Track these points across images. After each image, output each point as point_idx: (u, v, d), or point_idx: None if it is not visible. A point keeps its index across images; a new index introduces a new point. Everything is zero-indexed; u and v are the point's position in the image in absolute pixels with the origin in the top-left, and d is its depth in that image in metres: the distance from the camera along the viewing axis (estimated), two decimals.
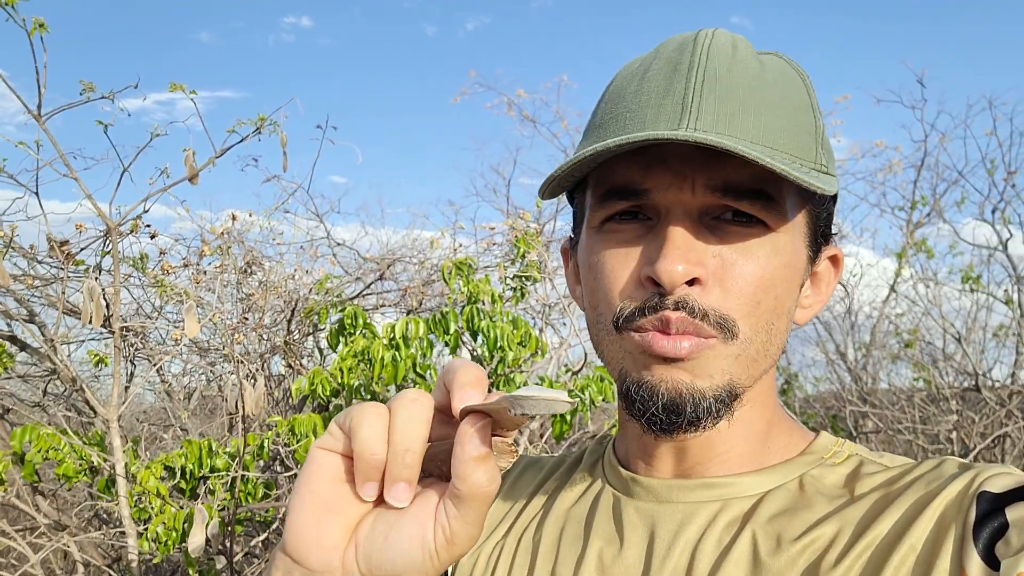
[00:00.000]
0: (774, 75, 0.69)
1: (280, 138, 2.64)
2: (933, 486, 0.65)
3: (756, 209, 0.67)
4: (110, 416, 2.64)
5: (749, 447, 0.74)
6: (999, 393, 5.09)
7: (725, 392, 0.68)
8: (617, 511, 0.76)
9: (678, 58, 0.69)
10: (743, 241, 0.67)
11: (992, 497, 0.61)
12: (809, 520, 0.67)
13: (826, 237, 0.75)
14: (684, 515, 0.71)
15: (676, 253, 0.64)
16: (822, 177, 0.68)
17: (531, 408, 0.49)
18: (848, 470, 0.72)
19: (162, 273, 3.20)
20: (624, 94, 0.70)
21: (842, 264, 0.79)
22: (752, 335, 0.68)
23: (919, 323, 6.27)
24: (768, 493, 0.71)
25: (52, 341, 2.87)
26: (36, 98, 2.47)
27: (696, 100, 0.65)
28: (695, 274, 0.65)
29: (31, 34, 2.25)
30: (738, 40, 0.70)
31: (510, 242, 3.27)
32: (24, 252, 3.13)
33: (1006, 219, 6.29)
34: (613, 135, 0.68)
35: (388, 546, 0.52)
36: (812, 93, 0.72)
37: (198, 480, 3.04)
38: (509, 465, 0.55)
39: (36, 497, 3.23)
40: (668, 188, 0.67)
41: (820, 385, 7.09)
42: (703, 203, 0.67)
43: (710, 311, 0.66)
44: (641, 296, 0.67)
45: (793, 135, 0.67)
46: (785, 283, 0.69)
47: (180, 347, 3.55)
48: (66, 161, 2.57)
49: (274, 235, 4.21)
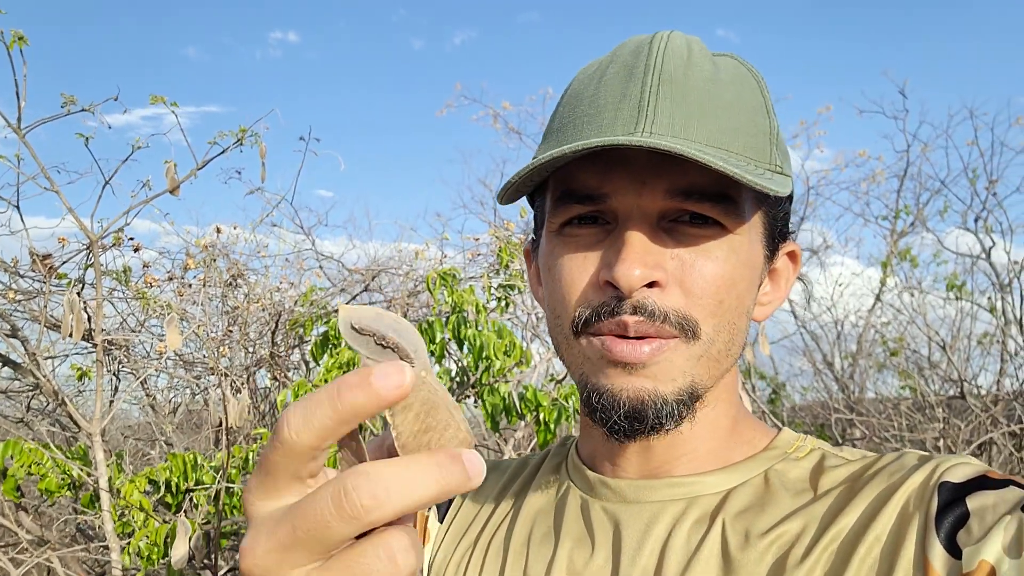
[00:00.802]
0: (729, 77, 0.70)
1: (260, 149, 2.65)
2: (895, 478, 0.66)
3: (716, 212, 0.67)
4: (93, 430, 2.62)
5: (715, 445, 0.74)
6: (984, 400, 5.12)
7: (687, 394, 0.68)
8: (585, 512, 0.76)
9: (634, 61, 0.69)
10: (702, 243, 0.68)
11: (953, 487, 0.62)
12: (776, 515, 0.68)
13: (783, 235, 0.76)
14: (652, 514, 0.72)
15: (634, 257, 0.65)
16: (776, 178, 0.69)
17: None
18: (811, 464, 0.73)
19: (145, 286, 3.19)
20: (581, 98, 0.71)
21: (800, 260, 0.80)
22: (715, 335, 0.68)
23: (904, 331, 6.30)
24: (734, 489, 0.72)
25: (35, 355, 2.85)
26: (16, 111, 2.47)
27: (652, 103, 0.66)
28: (653, 277, 0.65)
29: (10, 46, 2.25)
30: (693, 43, 0.71)
31: (495, 253, 3.28)
32: (6, 266, 3.12)
33: (988, 228, 6.34)
34: (571, 139, 0.68)
35: None
36: (767, 94, 0.72)
37: (183, 494, 3.02)
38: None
39: (19, 513, 3.20)
40: (626, 193, 0.67)
41: (808, 395, 7.12)
42: (662, 207, 0.67)
43: (671, 312, 0.66)
44: (599, 300, 0.68)
45: (748, 136, 0.68)
46: (745, 282, 0.70)
47: (164, 360, 3.53)
48: (48, 175, 2.56)
49: (260, 248, 4.21)
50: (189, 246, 3.90)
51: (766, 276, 0.75)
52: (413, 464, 0.38)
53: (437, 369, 3.11)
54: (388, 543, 0.38)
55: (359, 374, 0.38)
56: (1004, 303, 5.85)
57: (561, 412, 2.69)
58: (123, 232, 2.77)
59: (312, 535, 0.38)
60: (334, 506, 0.37)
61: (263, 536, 0.39)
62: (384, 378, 0.37)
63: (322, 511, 0.37)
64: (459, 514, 0.86)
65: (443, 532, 0.85)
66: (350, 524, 0.37)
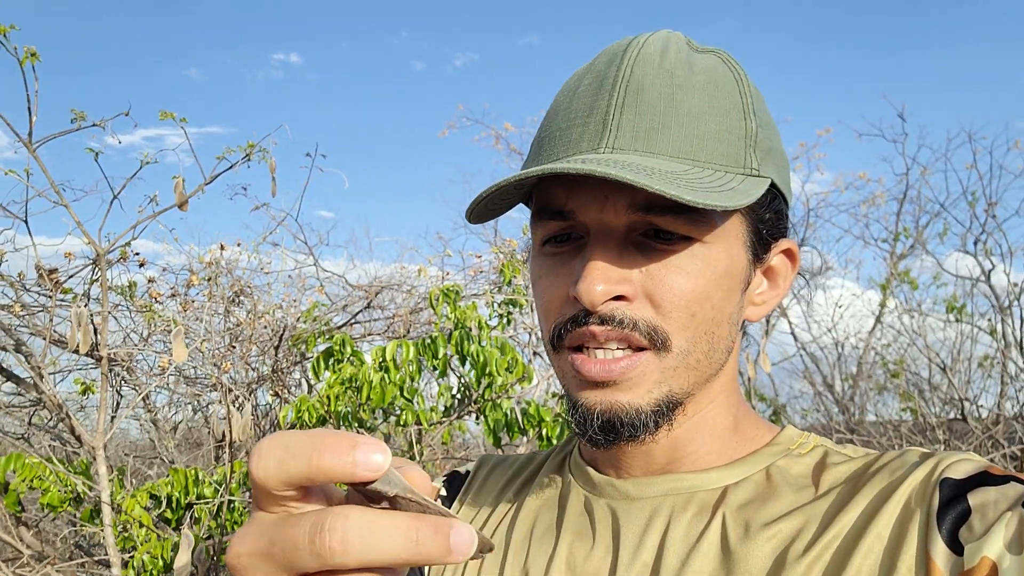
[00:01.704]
0: (703, 79, 0.69)
1: (269, 164, 2.67)
2: (897, 475, 0.66)
3: (679, 224, 0.67)
4: (96, 444, 2.63)
5: (718, 444, 0.75)
6: (984, 422, 5.11)
7: (664, 404, 0.69)
8: (588, 508, 0.77)
9: (605, 71, 0.70)
10: (670, 256, 0.68)
11: (954, 484, 0.62)
12: (777, 509, 0.68)
13: (775, 233, 0.75)
14: (652, 508, 0.73)
15: (596, 273, 0.66)
16: (751, 183, 0.67)
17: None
18: (814, 460, 0.73)
19: (151, 300, 3.20)
20: (557, 112, 0.72)
21: (798, 257, 0.79)
22: (690, 346, 0.69)
23: (905, 354, 6.31)
24: (736, 484, 0.72)
25: (39, 369, 2.86)
26: (27, 127, 2.50)
27: (616, 118, 0.67)
28: (617, 292, 0.66)
29: (23, 63, 2.29)
30: (672, 42, 0.71)
31: (496, 270, 3.29)
32: (11, 281, 3.13)
33: (988, 250, 6.37)
34: (545, 155, 0.70)
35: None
36: (746, 94, 0.71)
37: (184, 509, 3.01)
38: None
39: (19, 528, 3.19)
40: (590, 209, 0.68)
41: (808, 417, 7.10)
42: (627, 221, 0.68)
43: (640, 322, 0.67)
44: (570, 313, 0.69)
45: (717, 143, 0.68)
46: (722, 292, 0.69)
47: (167, 375, 3.54)
48: (57, 189, 2.58)
49: (262, 265, 4.23)
50: (192, 263, 3.92)
51: (757, 276, 0.75)
52: (394, 521, 0.38)
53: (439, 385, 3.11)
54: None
55: (345, 441, 0.38)
56: (1004, 325, 5.86)
57: (564, 428, 2.69)
58: (129, 247, 2.79)
59: (284, 555, 0.39)
60: (307, 538, 0.38)
61: (249, 538, 0.41)
62: (367, 455, 0.38)
63: (297, 538, 0.38)
64: (464, 507, 0.88)
65: None
66: (316, 559, 0.38)
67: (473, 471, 0.92)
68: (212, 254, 3.85)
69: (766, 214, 0.73)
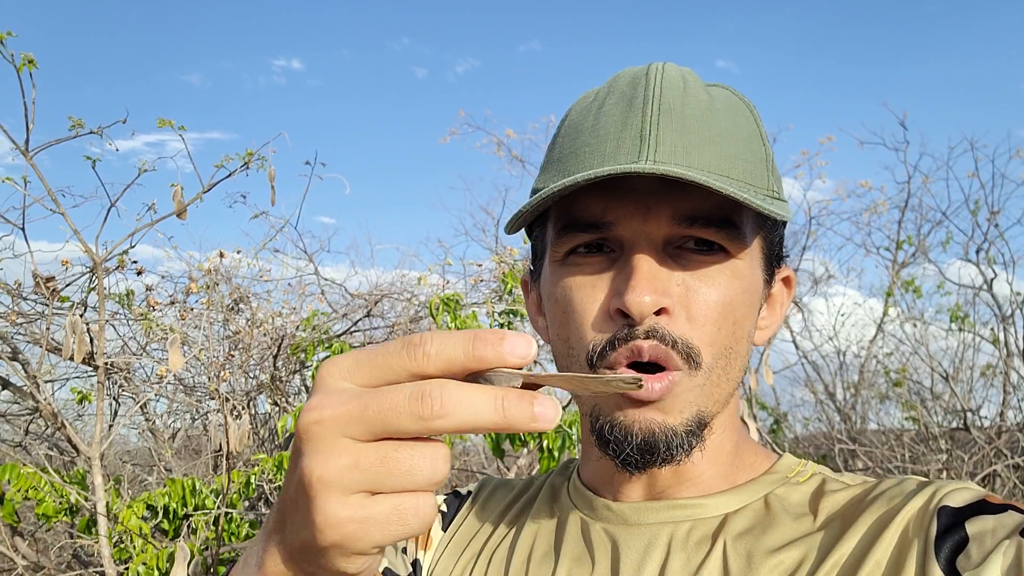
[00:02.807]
0: (723, 106, 0.72)
1: (268, 172, 2.65)
2: (895, 502, 0.66)
3: (720, 237, 0.68)
4: (92, 454, 2.60)
5: (719, 469, 0.75)
6: (988, 432, 5.09)
7: (695, 423, 0.69)
8: (586, 532, 0.76)
9: (632, 92, 0.70)
10: (705, 268, 0.69)
11: (952, 512, 0.63)
12: (777, 538, 0.68)
13: (779, 260, 0.77)
14: (651, 535, 0.72)
15: (644, 284, 0.65)
16: (777, 203, 0.70)
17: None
18: (812, 488, 0.73)
19: (149, 309, 3.18)
20: (581, 129, 0.72)
21: (794, 285, 0.81)
22: (713, 362, 0.69)
23: (907, 362, 6.29)
24: (735, 512, 0.72)
25: (35, 378, 2.84)
26: (24, 134, 2.48)
27: (653, 132, 0.67)
28: (663, 304, 0.66)
29: (19, 70, 2.27)
30: (687, 73, 0.73)
31: (497, 279, 3.27)
32: (8, 288, 3.11)
33: (991, 259, 6.35)
34: (574, 169, 0.70)
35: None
36: (760, 122, 0.74)
37: (181, 519, 2.99)
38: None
39: (15, 538, 3.16)
40: (631, 220, 0.68)
41: (810, 425, 7.08)
42: (667, 233, 0.68)
43: (678, 340, 0.67)
44: (611, 329, 0.68)
45: (746, 163, 0.69)
46: (744, 307, 0.71)
47: (165, 384, 3.52)
48: (54, 196, 2.56)
49: (262, 273, 4.21)
50: (192, 270, 3.90)
51: (764, 301, 0.76)
52: (486, 391, 0.42)
53: None
54: (438, 451, 0.43)
55: (495, 334, 0.43)
56: (1006, 335, 5.84)
57: (565, 439, 2.67)
58: (127, 255, 2.77)
59: (379, 417, 0.42)
60: (410, 400, 0.42)
61: (332, 402, 0.43)
62: (513, 345, 0.42)
63: (398, 401, 0.42)
64: (463, 526, 0.87)
65: (446, 541, 0.86)
66: (415, 421, 0.42)
67: (475, 492, 0.92)
68: (211, 261, 3.84)
69: (776, 238, 0.75)
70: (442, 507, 0.90)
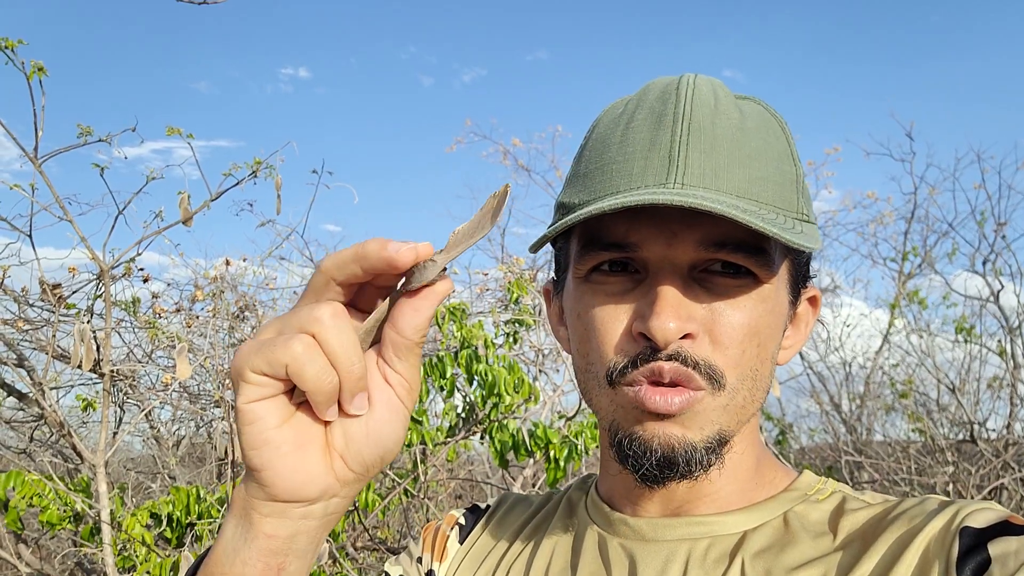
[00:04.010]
0: (755, 124, 0.70)
1: (275, 181, 2.65)
2: (916, 522, 0.65)
3: (749, 263, 0.68)
4: (97, 461, 2.60)
5: (738, 486, 0.74)
6: (995, 445, 5.07)
7: (715, 441, 0.68)
8: (603, 548, 0.76)
9: (662, 109, 0.69)
10: (732, 293, 0.68)
11: (975, 532, 0.62)
12: (796, 557, 0.67)
13: (805, 279, 0.77)
14: (669, 552, 0.72)
15: (669, 311, 0.65)
16: (806, 227, 0.70)
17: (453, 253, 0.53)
18: (832, 506, 0.72)
19: (155, 316, 3.18)
20: (608, 143, 0.71)
21: (820, 303, 0.81)
22: (738, 384, 0.68)
23: (913, 374, 6.26)
24: (753, 530, 0.71)
25: (41, 385, 2.83)
26: (33, 141, 2.48)
27: (682, 153, 0.66)
28: (688, 330, 0.66)
29: (30, 77, 2.27)
30: (718, 87, 0.72)
31: (503, 288, 3.27)
32: (15, 295, 3.12)
33: (997, 271, 6.33)
34: (600, 187, 0.69)
35: (371, 436, 0.54)
36: (791, 140, 0.73)
37: (184, 528, 2.98)
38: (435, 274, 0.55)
39: (18, 545, 3.16)
40: (656, 243, 0.67)
41: (815, 436, 7.06)
42: (693, 258, 0.67)
43: (701, 362, 0.66)
44: (633, 350, 0.68)
45: (776, 185, 0.68)
46: (769, 330, 0.70)
47: (170, 392, 3.51)
48: (61, 204, 2.57)
49: (268, 280, 4.20)
50: (198, 278, 3.90)
51: (789, 321, 0.76)
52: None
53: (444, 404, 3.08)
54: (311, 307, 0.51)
55: (379, 240, 0.50)
56: (1013, 346, 5.81)
57: (571, 450, 2.65)
58: (134, 262, 2.77)
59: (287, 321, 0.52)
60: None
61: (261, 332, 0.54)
62: (396, 251, 0.50)
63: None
64: (480, 540, 0.87)
65: (462, 554, 0.86)
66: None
67: (494, 506, 0.92)
68: (217, 269, 3.84)
69: (803, 258, 0.75)
70: (460, 520, 0.90)
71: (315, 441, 0.54)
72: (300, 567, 0.57)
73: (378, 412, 0.54)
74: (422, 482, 3.47)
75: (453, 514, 0.92)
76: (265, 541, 0.55)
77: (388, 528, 4.29)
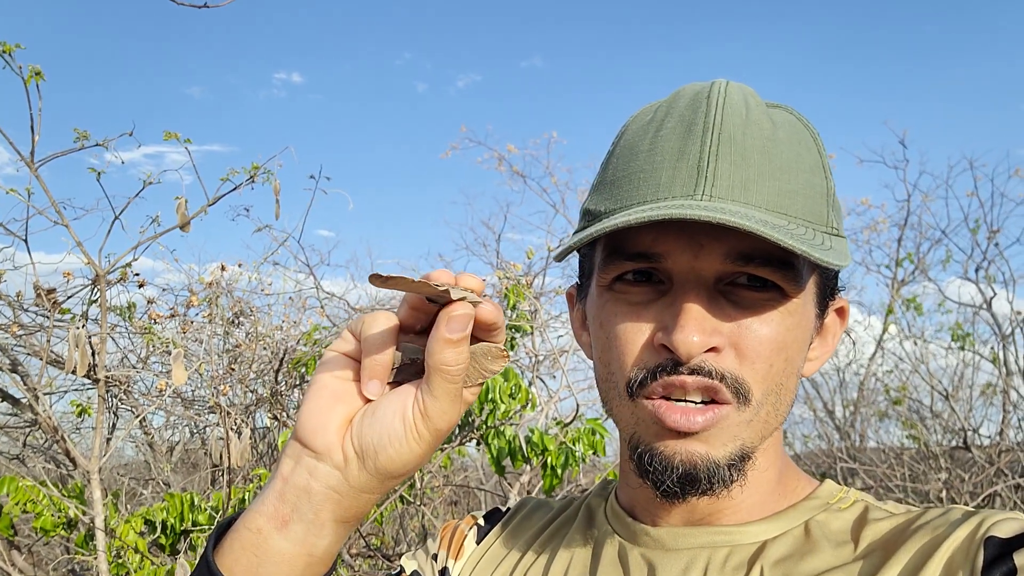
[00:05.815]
0: (786, 134, 0.69)
1: (273, 186, 2.65)
2: (940, 532, 0.65)
3: (777, 277, 0.67)
4: (91, 468, 2.58)
5: (761, 497, 0.74)
6: (988, 452, 5.08)
7: (738, 457, 0.68)
8: (623, 557, 0.75)
9: (692, 117, 0.68)
10: (759, 306, 0.67)
11: (1000, 542, 0.61)
12: (816, 565, 0.67)
13: (833, 291, 0.75)
14: (690, 559, 0.71)
15: (693, 325, 0.64)
16: (836, 242, 0.68)
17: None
18: (854, 516, 0.72)
19: (150, 322, 3.17)
20: (637, 151, 0.70)
21: (847, 315, 0.79)
22: (763, 399, 0.68)
23: (906, 380, 6.28)
24: (774, 539, 0.71)
25: (35, 390, 2.82)
26: (29, 145, 2.47)
27: (712, 164, 0.65)
28: (712, 344, 0.65)
29: (27, 82, 2.27)
30: (749, 95, 0.70)
31: (499, 294, 3.26)
32: (9, 300, 3.10)
33: (990, 278, 6.35)
34: (627, 196, 0.68)
35: (375, 423, 0.61)
36: (823, 151, 0.71)
37: (179, 535, 2.96)
38: (501, 369, 0.63)
39: (12, 552, 3.14)
40: (682, 255, 0.66)
41: (809, 443, 7.06)
42: (719, 271, 0.66)
43: (728, 375, 0.66)
44: (654, 362, 0.67)
45: (806, 198, 0.67)
46: (796, 344, 0.69)
47: (164, 398, 3.50)
48: (57, 208, 2.56)
49: (263, 286, 4.19)
50: (192, 283, 3.89)
51: (816, 333, 0.75)
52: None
53: None
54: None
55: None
56: (1006, 353, 5.83)
57: (568, 456, 2.65)
58: (130, 267, 2.76)
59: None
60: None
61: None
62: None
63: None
64: (497, 542, 0.86)
65: (479, 555, 0.86)
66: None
67: (514, 509, 0.91)
68: (213, 274, 3.83)
69: (831, 271, 0.74)
70: (480, 521, 0.90)
71: (348, 404, 0.63)
72: (302, 532, 0.62)
73: (391, 408, 0.61)
74: (417, 489, 3.46)
75: (473, 515, 0.92)
76: (280, 483, 0.63)
77: (383, 535, 4.28)
